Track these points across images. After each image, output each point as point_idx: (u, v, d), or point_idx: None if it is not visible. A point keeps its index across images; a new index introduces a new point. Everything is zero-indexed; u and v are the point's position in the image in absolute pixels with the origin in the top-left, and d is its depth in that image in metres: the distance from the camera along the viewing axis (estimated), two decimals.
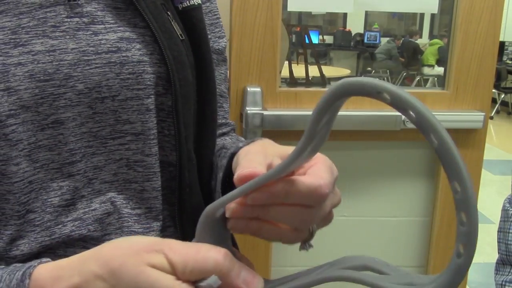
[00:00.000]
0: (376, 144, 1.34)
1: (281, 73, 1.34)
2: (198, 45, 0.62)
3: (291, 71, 3.14)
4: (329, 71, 5.64)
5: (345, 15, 9.16)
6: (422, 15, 9.14)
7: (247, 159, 0.48)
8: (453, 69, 1.30)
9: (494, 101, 7.29)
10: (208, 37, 0.64)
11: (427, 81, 7.50)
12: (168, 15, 0.59)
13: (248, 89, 1.22)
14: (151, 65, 0.56)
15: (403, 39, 8.14)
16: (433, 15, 8.78)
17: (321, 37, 8.16)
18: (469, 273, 1.39)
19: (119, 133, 0.56)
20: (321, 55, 7.29)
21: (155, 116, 0.57)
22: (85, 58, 0.53)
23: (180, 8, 0.61)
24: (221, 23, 0.70)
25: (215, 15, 0.70)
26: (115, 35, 0.55)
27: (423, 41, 8.48)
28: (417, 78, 7.64)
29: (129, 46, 0.55)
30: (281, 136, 1.23)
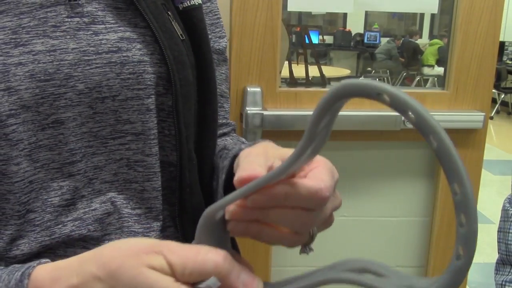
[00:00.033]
0: (376, 144, 1.34)
1: (281, 73, 1.34)
2: (198, 45, 0.62)
3: (291, 71, 3.14)
4: (329, 71, 5.64)
5: (345, 15, 9.15)
6: (422, 15, 9.14)
7: (247, 161, 0.47)
8: (453, 69, 1.29)
9: (494, 101, 7.29)
10: (208, 37, 0.64)
11: (427, 81, 7.50)
12: (168, 15, 0.59)
13: (248, 89, 1.22)
14: (152, 65, 0.56)
15: (403, 39, 8.14)
16: (433, 15, 8.78)
17: (321, 37, 8.15)
18: (469, 273, 1.38)
19: (120, 133, 0.56)
20: (321, 55, 7.29)
21: (156, 116, 0.57)
22: (86, 58, 0.53)
23: (180, 8, 0.61)
24: (222, 23, 0.70)
25: (216, 15, 0.70)
26: (115, 35, 0.55)
27: (423, 41, 8.48)
28: (417, 78, 7.64)
29: (130, 46, 0.55)
30: (281, 136, 1.23)
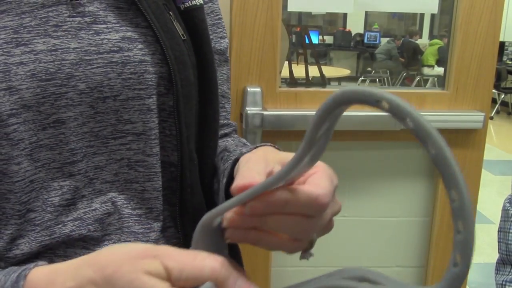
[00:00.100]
0: (376, 144, 1.33)
1: (281, 73, 1.34)
2: (200, 45, 0.62)
3: (291, 71, 3.14)
4: (329, 71, 5.65)
5: (345, 15, 9.16)
6: (422, 15, 9.14)
7: (246, 168, 0.48)
8: (453, 69, 1.29)
9: (494, 101, 7.29)
10: (210, 37, 0.64)
11: (427, 81, 7.50)
12: (170, 15, 0.59)
13: (248, 89, 1.22)
14: (153, 65, 0.56)
15: (403, 39, 8.15)
16: (433, 15, 8.78)
17: (321, 37, 8.16)
18: (469, 273, 1.38)
19: (121, 133, 0.56)
20: (321, 55, 7.30)
21: (157, 116, 0.57)
22: (87, 57, 0.53)
23: (182, 8, 0.61)
24: (223, 24, 0.70)
25: (217, 15, 0.70)
26: (117, 35, 0.55)
27: (423, 41, 8.48)
28: (417, 78, 7.65)
29: (131, 46, 0.55)
30: (281, 136, 1.23)
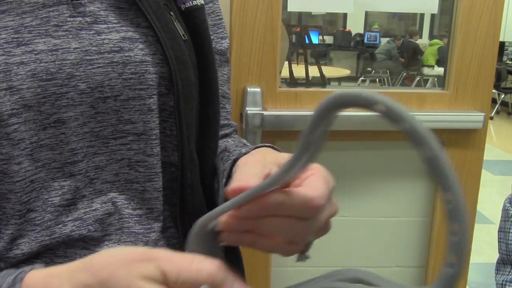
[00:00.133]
0: (376, 144, 1.33)
1: (281, 73, 1.34)
2: (200, 46, 0.62)
3: (291, 71, 3.13)
4: (329, 71, 5.65)
5: (345, 15, 9.16)
6: (422, 15, 9.14)
7: (243, 171, 0.48)
8: (453, 69, 1.29)
9: (494, 101, 7.29)
10: (210, 37, 0.64)
11: (427, 81, 7.51)
12: (171, 15, 0.59)
13: (248, 89, 1.22)
14: (154, 65, 0.56)
15: (403, 40, 8.15)
16: (433, 15, 8.78)
17: (321, 37, 8.16)
18: (469, 273, 1.39)
19: (121, 133, 0.56)
20: (321, 55, 7.30)
21: (157, 116, 0.57)
22: (88, 57, 0.53)
23: (183, 8, 0.61)
24: (224, 24, 0.70)
25: (218, 16, 0.70)
26: (117, 35, 0.55)
27: (423, 41, 8.49)
28: (417, 78, 7.65)
29: (132, 46, 0.55)
30: (281, 136, 1.23)
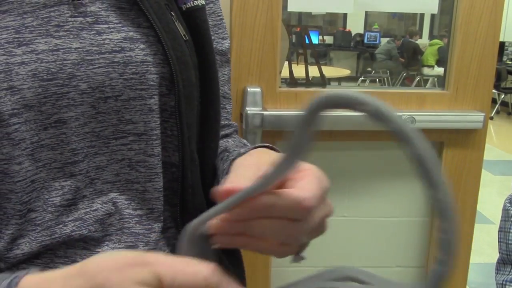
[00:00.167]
0: (376, 144, 1.33)
1: (281, 73, 1.34)
2: (201, 46, 0.62)
3: (291, 71, 3.13)
4: (329, 71, 5.66)
5: (345, 15, 9.16)
6: (422, 15, 9.14)
7: (236, 174, 0.48)
8: (453, 69, 1.29)
9: (494, 101, 7.29)
10: (211, 38, 0.64)
11: (427, 81, 7.51)
12: (172, 15, 0.59)
13: (248, 89, 1.22)
14: (155, 65, 0.56)
15: (403, 40, 8.15)
16: (433, 15, 8.78)
17: (321, 37, 8.16)
18: (469, 273, 1.39)
19: (122, 133, 0.56)
20: (321, 55, 7.30)
21: (158, 116, 0.57)
22: (89, 57, 0.53)
23: (184, 8, 0.61)
24: (225, 25, 0.70)
25: (219, 16, 0.70)
26: (118, 35, 0.55)
27: (423, 41, 8.49)
28: (417, 78, 7.65)
29: (133, 46, 0.55)
30: (281, 136, 1.23)
